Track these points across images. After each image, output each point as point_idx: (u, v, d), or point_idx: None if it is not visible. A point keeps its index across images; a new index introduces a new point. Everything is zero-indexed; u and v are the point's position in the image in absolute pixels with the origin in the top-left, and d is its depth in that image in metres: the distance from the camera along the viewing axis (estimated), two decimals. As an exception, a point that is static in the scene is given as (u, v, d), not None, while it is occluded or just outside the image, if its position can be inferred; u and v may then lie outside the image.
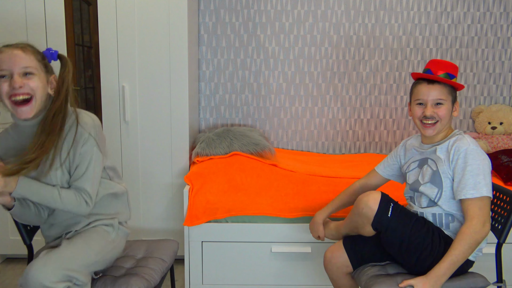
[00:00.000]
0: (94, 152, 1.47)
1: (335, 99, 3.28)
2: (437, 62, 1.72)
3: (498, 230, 1.72)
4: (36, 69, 1.39)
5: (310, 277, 2.34)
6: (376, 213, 1.62)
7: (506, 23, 3.20)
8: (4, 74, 1.34)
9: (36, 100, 1.39)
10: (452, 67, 1.71)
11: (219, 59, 3.22)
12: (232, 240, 2.31)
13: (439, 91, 1.68)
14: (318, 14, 3.18)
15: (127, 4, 2.53)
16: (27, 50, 1.39)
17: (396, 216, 1.63)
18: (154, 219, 2.70)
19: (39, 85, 1.39)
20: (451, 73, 1.70)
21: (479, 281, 1.67)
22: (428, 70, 1.72)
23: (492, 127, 3.15)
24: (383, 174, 1.96)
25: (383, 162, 1.98)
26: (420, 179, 1.75)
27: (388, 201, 1.67)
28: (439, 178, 1.68)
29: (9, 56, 1.34)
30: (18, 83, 1.33)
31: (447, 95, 1.69)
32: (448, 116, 1.70)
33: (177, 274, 2.67)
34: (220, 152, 2.65)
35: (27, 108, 1.37)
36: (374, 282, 1.68)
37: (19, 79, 1.34)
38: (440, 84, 1.68)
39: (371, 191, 1.69)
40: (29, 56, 1.38)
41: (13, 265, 2.77)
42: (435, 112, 1.68)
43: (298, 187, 2.41)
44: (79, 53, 2.95)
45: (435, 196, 1.69)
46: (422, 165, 1.77)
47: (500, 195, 1.76)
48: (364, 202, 1.66)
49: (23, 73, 1.36)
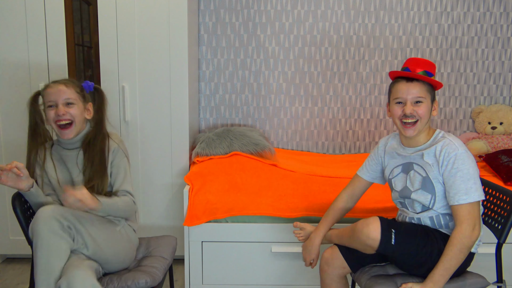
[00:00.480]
0: (126, 161, 1.83)
1: (335, 99, 3.28)
2: (415, 60, 1.69)
3: (498, 230, 1.72)
4: (76, 100, 1.73)
5: (310, 277, 2.34)
6: (379, 243, 1.59)
7: (506, 23, 3.20)
8: (52, 104, 1.71)
9: (76, 124, 1.74)
10: (430, 65, 1.68)
11: (219, 59, 3.22)
12: (232, 240, 2.31)
13: (418, 88, 1.65)
14: (318, 14, 3.18)
15: (127, 4, 2.53)
16: (69, 85, 1.74)
17: (400, 241, 1.60)
18: (154, 219, 2.70)
19: (78, 112, 1.74)
20: (429, 71, 1.68)
21: (479, 281, 1.67)
22: (406, 68, 1.69)
23: (492, 127, 3.15)
24: (367, 178, 1.91)
25: (364, 166, 1.92)
26: (409, 186, 1.72)
27: (388, 227, 1.61)
28: (430, 184, 1.66)
29: (55, 91, 1.70)
30: (62, 111, 1.69)
31: (426, 93, 1.67)
32: (427, 115, 1.67)
33: (177, 274, 2.67)
34: (220, 152, 2.65)
35: (69, 131, 1.73)
36: (374, 283, 1.68)
37: (62, 108, 1.69)
38: (419, 82, 1.65)
39: (368, 220, 1.62)
40: (70, 90, 1.73)
41: (13, 265, 2.77)
42: (415, 111, 1.65)
43: (298, 187, 2.41)
44: (79, 53, 2.95)
45: (429, 202, 1.67)
46: (407, 170, 1.73)
47: (500, 195, 1.76)
48: (365, 234, 1.60)
49: (66, 103, 1.71)
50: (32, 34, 2.53)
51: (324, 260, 1.82)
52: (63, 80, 1.76)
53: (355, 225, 1.66)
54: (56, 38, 2.55)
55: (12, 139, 2.62)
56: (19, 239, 2.71)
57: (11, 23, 2.52)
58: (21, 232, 2.69)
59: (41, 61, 2.56)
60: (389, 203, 2.27)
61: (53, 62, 2.57)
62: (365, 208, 2.27)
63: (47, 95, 1.71)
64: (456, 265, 1.56)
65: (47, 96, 1.71)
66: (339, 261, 1.79)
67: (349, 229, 1.72)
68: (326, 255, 1.82)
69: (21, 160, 2.61)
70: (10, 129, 2.62)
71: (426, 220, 1.70)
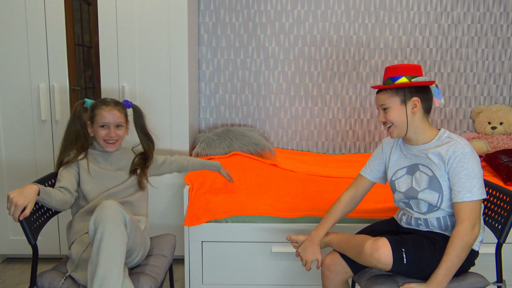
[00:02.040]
0: None
1: (335, 99, 3.28)
2: (386, 69, 1.75)
3: (498, 230, 1.71)
4: (124, 122, 1.99)
5: (310, 277, 2.34)
6: (392, 266, 1.58)
7: (506, 23, 3.20)
8: (105, 125, 1.93)
9: (119, 143, 2.00)
10: (394, 69, 1.71)
11: (219, 59, 3.22)
12: (232, 240, 2.31)
13: (382, 97, 1.73)
14: (318, 14, 3.18)
15: (127, 4, 2.53)
16: (121, 110, 1.97)
17: (411, 257, 1.60)
18: (154, 219, 2.70)
19: (123, 133, 2.00)
20: (393, 76, 1.71)
21: (479, 281, 1.67)
22: (387, 79, 1.74)
23: (492, 127, 3.15)
24: (371, 178, 1.91)
25: (368, 166, 1.92)
26: (416, 186, 1.72)
27: (398, 248, 1.60)
28: (437, 182, 1.67)
29: (110, 114, 1.93)
30: (113, 133, 1.94)
31: (390, 98, 1.70)
32: (399, 118, 1.70)
33: (177, 274, 2.67)
34: (220, 152, 2.65)
35: (113, 146, 1.97)
36: (374, 283, 1.68)
37: (114, 131, 1.94)
38: (383, 91, 1.73)
39: (377, 243, 1.60)
40: (121, 114, 1.97)
41: (13, 265, 2.77)
42: (385, 117, 1.72)
43: (298, 187, 2.41)
44: (79, 53, 2.95)
45: (436, 201, 1.68)
46: (412, 171, 1.74)
47: (500, 195, 1.76)
48: (376, 259, 1.58)
49: (116, 125, 1.95)
50: (32, 34, 2.53)
51: (325, 266, 1.81)
52: (114, 103, 1.98)
53: (363, 247, 1.63)
54: (56, 38, 2.55)
55: (12, 139, 2.62)
56: (19, 239, 2.71)
57: (11, 23, 2.52)
58: (21, 232, 2.69)
59: (41, 61, 2.56)
60: (389, 203, 2.27)
61: (53, 62, 2.57)
62: (365, 208, 2.27)
63: (101, 115, 1.92)
64: (458, 264, 1.56)
65: (101, 116, 1.92)
66: (340, 267, 1.78)
67: (353, 244, 1.70)
68: (327, 261, 1.81)
69: (21, 159, 2.61)
70: (10, 129, 2.62)
71: (433, 221, 1.70)
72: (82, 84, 3.04)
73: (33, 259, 1.69)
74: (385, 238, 1.61)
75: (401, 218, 1.84)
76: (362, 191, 1.93)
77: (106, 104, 1.96)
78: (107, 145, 1.96)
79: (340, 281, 1.80)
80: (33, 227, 1.72)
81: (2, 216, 2.70)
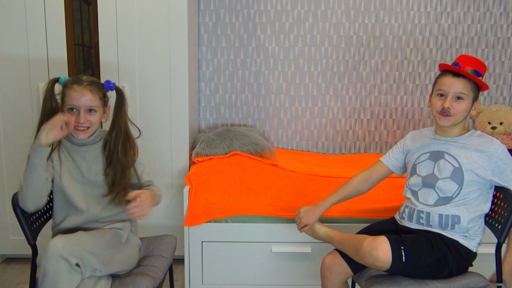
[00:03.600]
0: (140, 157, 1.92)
1: (335, 99, 3.28)
2: (467, 58, 1.71)
3: (498, 230, 1.72)
4: (98, 107, 1.69)
5: (310, 277, 2.34)
6: (391, 264, 1.59)
7: (506, 23, 3.20)
8: (73, 108, 1.65)
9: (92, 130, 1.71)
10: (480, 65, 1.70)
11: (219, 59, 3.22)
12: (232, 240, 2.31)
13: (462, 85, 1.67)
14: (318, 14, 3.18)
15: (127, 4, 2.53)
16: (94, 91, 1.67)
17: (410, 255, 1.60)
18: (154, 219, 2.70)
19: (97, 119, 1.70)
20: (478, 71, 1.69)
21: (479, 281, 1.67)
22: (457, 63, 1.72)
23: (492, 127, 3.15)
24: (389, 165, 1.93)
25: (388, 154, 1.96)
26: (437, 173, 1.72)
27: (397, 246, 1.60)
28: (461, 175, 1.68)
29: (79, 95, 1.63)
30: (83, 119, 1.65)
31: (469, 90, 1.68)
32: (464, 113, 1.70)
33: (177, 274, 2.67)
34: (220, 152, 2.65)
35: (84, 134, 1.69)
36: (374, 283, 1.68)
37: (84, 116, 1.65)
38: (465, 79, 1.68)
39: (376, 241, 1.60)
40: (94, 97, 1.66)
41: (13, 265, 2.77)
42: (453, 107, 1.68)
43: (298, 187, 2.41)
44: (79, 53, 2.95)
45: (454, 192, 1.69)
46: (436, 158, 1.75)
47: (500, 195, 1.76)
48: (374, 257, 1.58)
49: (88, 110, 1.66)
50: (32, 34, 2.53)
51: (325, 266, 1.81)
52: (88, 82, 1.67)
53: (361, 244, 1.63)
54: (56, 38, 2.55)
55: (12, 136, 2.62)
56: (19, 239, 2.71)
57: (11, 23, 2.52)
58: (21, 232, 2.68)
59: (41, 61, 2.56)
60: (389, 203, 2.27)
61: (53, 61, 2.57)
62: (365, 208, 2.27)
63: (70, 96, 1.64)
64: None
65: (69, 97, 1.64)
66: (341, 267, 1.78)
67: (352, 242, 1.71)
68: (327, 261, 1.80)
69: (21, 159, 2.61)
70: (10, 127, 2.61)
71: (435, 216, 1.71)
72: (82, 84, 3.03)
73: (33, 259, 1.69)
74: (384, 236, 1.62)
75: (403, 212, 1.84)
76: (376, 174, 1.94)
77: (78, 83, 1.66)
78: (76, 132, 1.67)
79: (339, 281, 1.80)
80: (32, 228, 1.72)
81: (2, 216, 2.70)
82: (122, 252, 1.72)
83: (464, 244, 1.69)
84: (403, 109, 3.30)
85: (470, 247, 1.70)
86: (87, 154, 1.75)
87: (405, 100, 3.28)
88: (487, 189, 1.72)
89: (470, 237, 1.71)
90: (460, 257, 1.68)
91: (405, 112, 3.30)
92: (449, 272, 1.66)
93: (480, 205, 1.71)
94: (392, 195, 2.31)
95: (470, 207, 1.69)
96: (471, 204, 1.69)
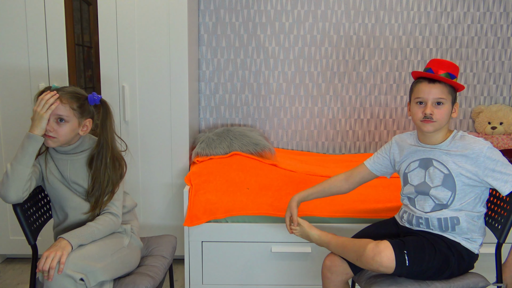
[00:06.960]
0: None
1: (335, 99, 3.28)
2: (438, 62, 1.70)
3: (498, 230, 1.71)
4: (69, 117, 1.65)
5: (310, 277, 2.34)
6: (395, 269, 1.58)
7: (506, 23, 3.20)
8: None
9: (59, 141, 1.66)
10: (453, 67, 1.70)
11: (219, 59, 3.22)
12: (232, 240, 2.31)
13: (440, 90, 1.66)
14: (318, 14, 3.18)
15: (127, 4, 2.53)
16: (65, 101, 1.64)
17: (413, 259, 1.60)
18: (154, 219, 2.70)
19: (67, 130, 1.66)
20: (452, 73, 1.69)
21: (479, 281, 1.67)
22: (429, 69, 1.71)
23: (492, 127, 3.15)
24: (371, 169, 1.92)
25: (373, 157, 1.94)
26: (429, 182, 1.72)
27: (400, 250, 1.59)
28: (452, 181, 1.67)
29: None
30: (50, 127, 1.63)
31: (447, 94, 1.68)
32: (447, 118, 1.69)
33: (177, 274, 2.67)
34: (220, 152, 2.65)
35: (51, 142, 1.66)
36: (374, 282, 1.68)
37: (51, 124, 1.63)
38: (441, 84, 1.67)
39: (379, 247, 1.59)
40: (64, 106, 1.64)
41: (13, 265, 2.77)
42: (435, 113, 1.66)
43: (298, 187, 2.41)
44: (79, 53, 2.95)
45: (448, 199, 1.68)
46: (425, 166, 1.74)
47: (500, 195, 1.76)
48: (378, 262, 1.57)
49: (57, 119, 1.64)
50: (32, 34, 2.53)
51: (326, 267, 1.81)
52: (65, 92, 1.67)
53: (364, 250, 1.62)
54: (56, 38, 2.55)
55: (12, 137, 2.62)
56: (19, 239, 2.71)
57: (11, 24, 2.52)
58: (21, 232, 2.69)
59: (41, 61, 2.56)
60: (389, 203, 2.27)
61: (53, 62, 2.57)
62: (365, 208, 2.27)
63: None
64: None
65: None
66: (341, 268, 1.77)
67: (352, 248, 1.69)
68: (328, 263, 1.80)
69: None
70: (10, 129, 2.62)
71: (434, 221, 1.70)
72: (82, 84, 3.04)
73: (33, 259, 1.69)
74: (387, 241, 1.61)
75: (402, 216, 1.84)
76: (357, 175, 1.94)
77: (58, 92, 1.66)
78: (45, 138, 1.64)
79: (340, 282, 1.80)
80: (32, 228, 1.72)
81: (2, 216, 2.70)
82: (125, 256, 1.73)
83: (466, 246, 1.69)
84: (403, 109, 3.30)
85: (472, 249, 1.70)
86: (68, 162, 1.74)
87: (405, 100, 3.28)
88: (482, 190, 1.71)
89: (472, 239, 1.70)
90: (462, 259, 1.67)
91: (405, 112, 3.30)
92: (450, 273, 1.66)
93: (477, 207, 1.70)
94: (392, 195, 2.31)
95: (468, 211, 1.69)
96: (467, 208, 1.69)
